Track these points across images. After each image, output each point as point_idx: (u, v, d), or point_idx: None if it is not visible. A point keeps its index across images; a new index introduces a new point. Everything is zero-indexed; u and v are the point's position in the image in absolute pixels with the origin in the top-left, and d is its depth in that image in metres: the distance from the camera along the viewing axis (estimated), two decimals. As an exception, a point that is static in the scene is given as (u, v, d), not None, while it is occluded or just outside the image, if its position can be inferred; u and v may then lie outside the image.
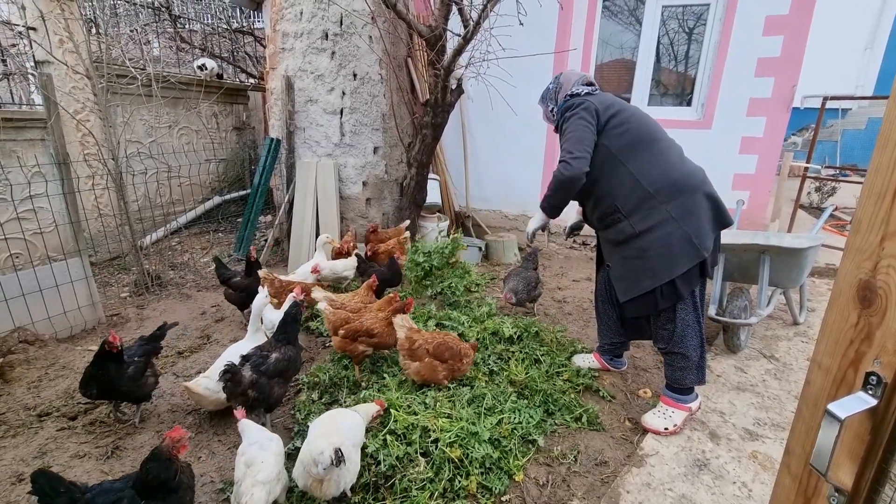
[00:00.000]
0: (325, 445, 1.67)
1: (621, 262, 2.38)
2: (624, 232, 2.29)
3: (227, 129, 6.15)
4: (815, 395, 0.80)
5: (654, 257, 2.22)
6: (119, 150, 3.69)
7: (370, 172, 4.78)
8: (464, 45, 3.64)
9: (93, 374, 2.24)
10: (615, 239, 2.36)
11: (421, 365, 2.48)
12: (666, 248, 2.20)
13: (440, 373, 2.48)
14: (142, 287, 3.90)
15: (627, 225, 2.27)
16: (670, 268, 2.19)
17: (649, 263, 2.24)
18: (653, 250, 2.22)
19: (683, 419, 2.39)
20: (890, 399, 0.67)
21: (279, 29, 4.67)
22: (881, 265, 0.68)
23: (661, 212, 2.20)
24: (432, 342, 2.49)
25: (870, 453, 0.72)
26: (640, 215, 2.23)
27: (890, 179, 0.66)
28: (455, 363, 2.51)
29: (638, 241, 2.26)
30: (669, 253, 2.19)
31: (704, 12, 4.82)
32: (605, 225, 2.40)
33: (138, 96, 4.34)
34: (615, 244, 2.39)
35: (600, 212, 2.37)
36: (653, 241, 2.22)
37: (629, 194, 2.25)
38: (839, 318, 0.75)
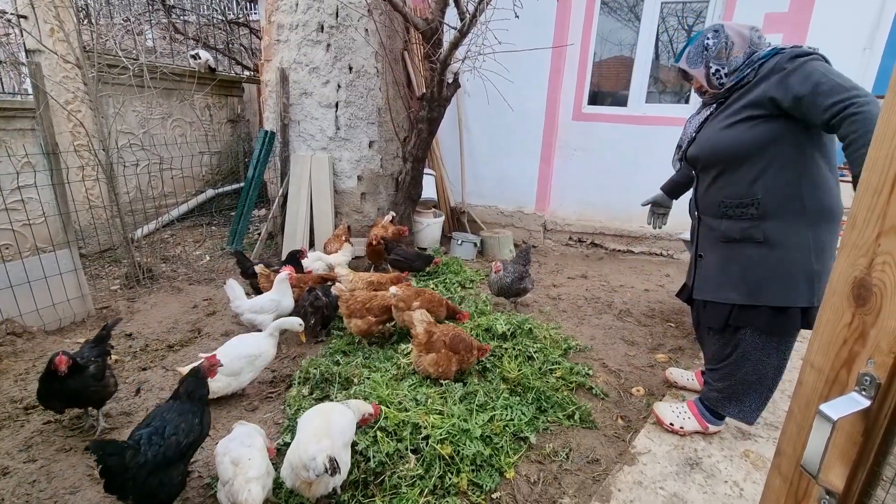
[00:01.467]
0: (316, 451, 1.64)
1: (720, 262, 2.08)
2: (745, 232, 1.96)
3: (221, 121, 6.09)
4: (807, 396, 0.78)
5: (762, 275, 1.93)
6: (110, 141, 3.64)
7: (365, 167, 4.74)
8: (460, 38, 3.60)
9: (52, 389, 2.10)
10: (727, 234, 2.02)
11: (437, 356, 2.51)
12: (783, 274, 1.89)
13: (453, 365, 2.53)
14: (133, 280, 3.86)
15: (755, 227, 1.92)
16: (771, 294, 1.92)
17: (751, 276, 1.95)
18: (765, 267, 1.92)
19: (693, 430, 2.33)
20: (883, 400, 0.65)
21: (274, 20, 4.61)
22: (877, 262, 0.66)
23: (800, 234, 1.86)
24: (448, 333, 2.57)
25: (862, 455, 0.70)
26: (775, 224, 1.87)
27: (886, 174, 0.64)
28: (466, 355, 2.56)
29: (754, 250, 1.95)
30: (783, 280, 1.90)
31: (704, 9, 4.79)
32: (724, 213, 2.01)
33: (130, 87, 4.28)
34: (723, 240, 2.04)
35: (730, 197, 1.97)
36: (773, 258, 1.91)
37: (779, 194, 1.86)
38: (833, 318, 0.73)
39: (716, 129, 2.00)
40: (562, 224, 5.54)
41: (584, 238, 5.51)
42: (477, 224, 5.58)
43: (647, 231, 5.29)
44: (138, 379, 2.68)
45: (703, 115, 2.11)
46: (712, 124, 2.03)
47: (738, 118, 1.91)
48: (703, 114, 2.13)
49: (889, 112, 0.64)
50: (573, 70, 5.15)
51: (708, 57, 1.98)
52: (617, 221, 5.42)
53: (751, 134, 1.88)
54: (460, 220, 5.63)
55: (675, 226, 5.13)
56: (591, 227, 5.45)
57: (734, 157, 1.93)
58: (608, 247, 5.43)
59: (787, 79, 1.74)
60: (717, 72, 1.97)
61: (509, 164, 5.44)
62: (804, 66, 1.71)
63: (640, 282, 4.50)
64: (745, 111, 1.89)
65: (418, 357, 2.57)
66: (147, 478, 1.60)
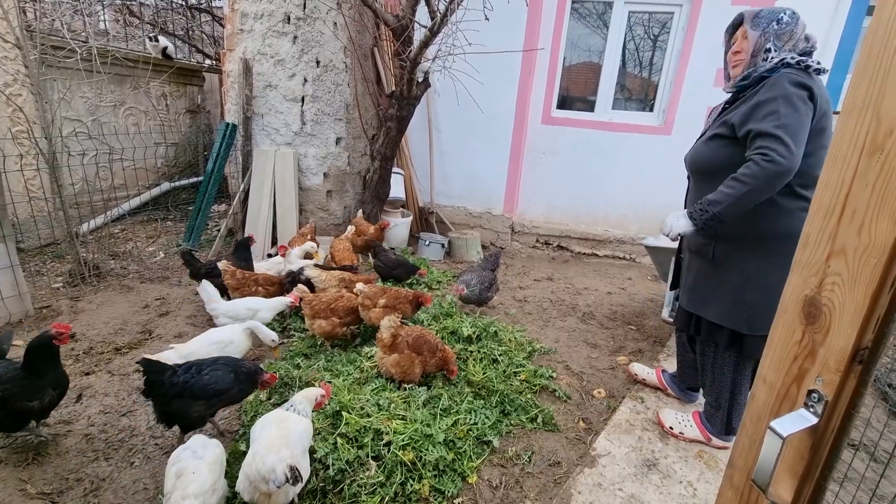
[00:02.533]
0: (275, 461, 1.57)
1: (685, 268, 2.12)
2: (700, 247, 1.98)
3: (179, 111, 5.80)
4: (759, 410, 0.79)
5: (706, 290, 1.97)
6: (54, 129, 3.39)
7: (332, 164, 4.63)
8: (431, 37, 3.57)
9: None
10: (689, 243, 2.05)
11: (400, 357, 2.47)
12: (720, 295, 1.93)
13: (416, 367, 2.48)
14: (77, 277, 3.61)
15: (708, 244, 1.94)
16: (709, 310, 1.98)
17: (698, 289, 2.00)
18: (708, 284, 1.96)
19: (694, 438, 2.35)
20: (830, 417, 0.67)
21: (238, 8, 4.42)
22: (826, 282, 0.67)
23: (746, 260, 1.87)
24: (412, 334, 2.53)
25: (809, 470, 0.71)
26: (726, 246, 1.87)
27: (838, 196, 0.65)
28: (429, 357, 2.51)
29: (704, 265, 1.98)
30: (719, 300, 1.93)
31: (669, 20, 4.94)
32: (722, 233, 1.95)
33: (78, 71, 4.00)
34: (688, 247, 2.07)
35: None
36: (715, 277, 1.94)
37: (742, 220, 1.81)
38: (784, 334, 0.74)
39: (702, 140, 2.01)
40: (529, 226, 5.60)
41: (551, 240, 5.59)
42: (445, 224, 5.56)
43: (611, 235, 5.42)
44: (80, 385, 2.51)
45: (715, 114, 2.07)
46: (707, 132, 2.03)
47: (713, 133, 1.91)
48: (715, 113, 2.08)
49: (841, 135, 0.65)
50: (543, 74, 5.21)
51: (772, 31, 1.77)
52: (583, 225, 5.53)
53: (719, 153, 1.88)
54: (428, 220, 5.60)
55: (638, 230, 5.29)
56: (557, 229, 5.53)
57: (706, 172, 1.94)
58: (574, 249, 5.53)
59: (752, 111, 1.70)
60: (768, 50, 1.77)
61: (478, 166, 5.45)
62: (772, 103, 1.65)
63: (604, 284, 4.60)
64: (720, 128, 1.87)
65: (381, 358, 2.53)
66: (172, 399, 1.94)
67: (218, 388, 2.01)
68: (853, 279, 0.63)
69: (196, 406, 1.99)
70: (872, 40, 0.60)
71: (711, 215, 1.77)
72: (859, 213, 0.62)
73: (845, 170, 0.64)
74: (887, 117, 0.59)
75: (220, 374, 2.04)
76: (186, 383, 1.97)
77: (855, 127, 0.62)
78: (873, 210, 0.60)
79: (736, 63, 1.90)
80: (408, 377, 2.50)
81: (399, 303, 3.00)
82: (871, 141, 0.61)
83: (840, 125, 0.65)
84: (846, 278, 0.64)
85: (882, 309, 0.60)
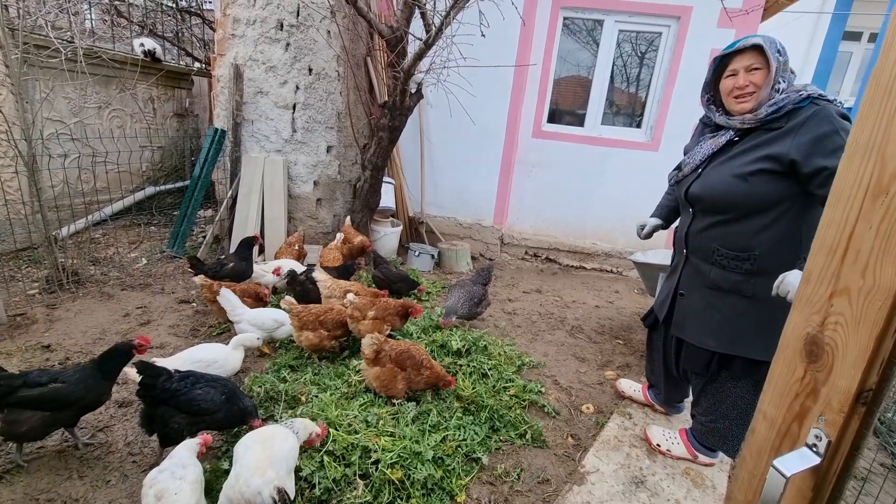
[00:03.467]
0: (260, 484, 1.52)
1: (701, 306, 2.00)
2: (736, 285, 1.87)
3: (166, 114, 5.70)
4: (759, 445, 0.79)
5: (743, 327, 1.87)
6: (34, 130, 3.29)
7: (322, 172, 4.59)
8: (425, 49, 3.57)
9: None
10: (715, 282, 1.93)
11: (381, 370, 2.43)
12: (764, 330, 1.82)
13: (399, 382, 2.44)
14: (54, 283, 3.49)
15: (746, 282, 1.84)
16: (749, 347, 1.87)
17: (731, 327, 1.89)
18: (748, 321, 1.86)
19: (681, 455, 2.34)
20: (832, 458, 0.67)
21: (230, 13, 4.38)
22: (829, 321, 0.67)
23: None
24: (396, 348, 2.49)
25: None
26: (768, 281, 1.68)
27: (841, 235, 0.66)
28: (413, 373, 2.46)
29: (740, 302, 1.88)
30: (765, 336, 1.82)
31: (656, 39, 5.05)
32: (716, 262, 1.91)
33: (62, 71, 3.91)
34: (710, 286, 1.95)
35: (727, 247, 1.87)
36: (757, 313, 1.84)
37: (779, 252, 1.76)
38: (785, 370, 0.74)
39: (728, 175, 1.82)
40: (518, 238, 5.62)
41: (540, 253, 5.62)
42: (435, 235, 5.54)
43: (599, 248, 5.47)
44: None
45: (717, 142, 1.92)
46: (726, 166, 1.85)
47: (755, 168, 1.74)
48: (717, 139, 1.92)
49: (844, 175, 0.66)
50: (534, 89, 5.26)
51: (782, 63, 1.74)
52: (571, 238, 5.57)
53: (766, 189, 1.74)
54: (418, 230, 5.58)
55: (626, 244, 5.35)
56: (546, 242, 5.56)
57: (743, 210, 1.80)
58: (562, 262, 5.56)
59: (816, 146, 1.61)
60: (778, 83, 1.74)
61: (469, 177, 5.46)
62: (835, 136, 1.58)
63: (592, 297, 4.62)
64: (764, 162, 1.73)
65: (364, 369, 2.51)
66: (158, 403, 1.93)
67: (203, 407, 1.96)
68: (857, 320, 0.63)
69: (177, 418, 1.95)
70: (876, 85, 0.61)
71: None
72: (863, 254, 0.62)
73: (849, 210, 0.64)
74: (892, 161, 0.59)
75: (212, 392, 1.99)
76: (177, 391, 1.95)
77: (859, 169, 0.63)
78: (878, 253, 0.60)
79: (749, 93, 1.79)
80: (390, 392, 2.46)
81: (388, 314, 2.97)
82: (875, 184, 0.61)
83: (844, 165, 0.66)
84: (849, 318, 0.64)
85: (886, 352, 0.60)
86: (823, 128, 1.61)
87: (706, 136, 2.00)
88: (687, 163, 2.03)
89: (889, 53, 0.60)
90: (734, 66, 1.83)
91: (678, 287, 2.13)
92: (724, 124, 1.91)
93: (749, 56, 1.79)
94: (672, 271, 2.25)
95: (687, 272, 2.09)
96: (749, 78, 1.78)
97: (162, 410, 1.94)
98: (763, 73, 1.76)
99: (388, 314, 2.98)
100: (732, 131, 1.88)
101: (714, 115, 1.96)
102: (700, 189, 1.94)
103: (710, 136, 1.97)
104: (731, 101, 1.86)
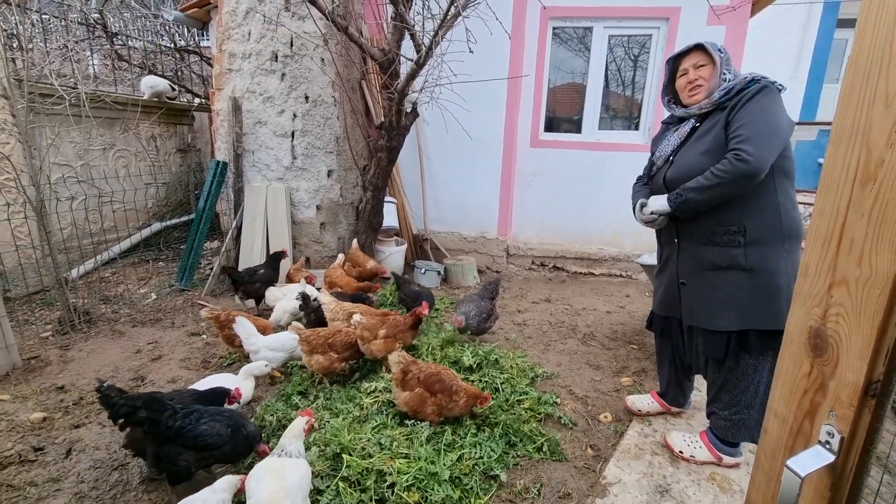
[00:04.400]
0: None
1: (705, 290, 2.07)
2: (731, 259, 1.98)
3: (169, 151, 5.83)
4: (773, 445, 0.76)
5: (748, 300, 1.96)
6: (42, 176, 3.38)
7: (324, 196, 4.64)
8: (417, 70, 3.63)
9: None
10: (714, 261, 2.02)
11: (410, 395, 2.39)
12: (767, 299, 1.93)
13: (428, 406, 2.38)
14: (66, 325, 3.53)
15: (741, 254, 1.95)
16: (759, 319, 1.94)
17: (738, 303, 1.97)
18: (750, 293, 1.95)
19: (705, 460, 2.29)
20: (847, 454, 0.64)
21: (226, 49, 4.50)
22: (830, 313, 0.65)
23: (782, 259, 1.93)
24: (425, 371, 2.44)
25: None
26: (759, 250, 1.91)
27: (834, 225, 0.65)
28: (444, 398, 2.39)
29: (739, 276, 1.97)
30: (768, 304, 1.93)
31: (647, 41, 5.08)
32: (711, 241, 2.03)
33: (67, 117, 4.02)
34: (709, 267, 2.05)
35: (719, 224, 2.00)
36: (757, 283, 1.94)
37: (763, 220, 1.93)
38: (792, 366, 0.72)
39: (696, 154, 2.01)
40: (524, 248, 5.60)
41: (547, 262, 5.59)
42: (440, 251, 5.54)
43: (606, 253, 5.43)
44: (69, 439, 2.42)
45: (682, 132, 2.12)
46: (692, 148, 2.04)
47: (715, 144, 1.95)
48: (681, 130, 2.13)
49: (831, 164, 0.65)
50: (529, 99, 5.31)
51: (724, 59, 2.03)
52: (577, 244, 5.54)
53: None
54: (423, 247, 5.59)
55: (633, 247, 5.30)
56: (552, 250, 5.53)
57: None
58: (570, 269, 5.52)
59: (738, 110, 1.89)
60: (724, 74, 2.02)
61: (470, 191, 5.49)
62: (754, 102, 1.86)
63: (602, 303, 4.57)
64: (720, 133, 1.95)
65: (395, 390, 2.47)
66: (165, 441, 1.90)
67: (210, 442, 1.93)
68: (857, 310, 0.61)
69: (185, 455, 1.92)
70: (854, 71, 0.61)
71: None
72: (857, 242, 0.61)
73: (839, 199, 0.63)
74: (876, 147, 0.59)
75: (217, 426, 1.97)
76: (182, 429, 1.91)
77: (845, 157, 0.62)
78: (871, 241, 0.59)
79: (699, 86, 2.06)
80: (420, 416, 2.42)
81: (399, 331, 2.95)
82: (863, 170, 0.60)
83: (830, 154, 0.65)
84: (850, 309, 0.62)
85: (890, 341, 0.58)
86: (752, 89, 1.89)
87: (671, 130, 2.22)
88: (659, 156, 2.21)
89: (863, 39, 0.60)
90: (684, 66, 2.10)
91: (678, 277, 2.20)
92: (685, 115, 2.13)
93: (695, 55, 2.07)
94: (663, 266, 2.32)
95: (683, 260, 2.17)
96: (698, 73, 2.05)
97: (168, 449, 1.92)
98: (709, 68, 2.04)
99: (399, 331, 2.96)
100: (694, 119, 2.10)
101: (675, 111, 2.19)
102: (675, 173, 2.09)
103: (675, 129, 2.19)
104: (685, 95, 2.11)
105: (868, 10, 0.59)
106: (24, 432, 2.44)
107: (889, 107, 0.57)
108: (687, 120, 2.13)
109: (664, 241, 2.30)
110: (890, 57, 0.57)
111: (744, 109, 1.87)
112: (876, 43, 0.58)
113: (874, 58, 0.58)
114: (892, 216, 0.57)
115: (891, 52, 0.57)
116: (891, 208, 0.57)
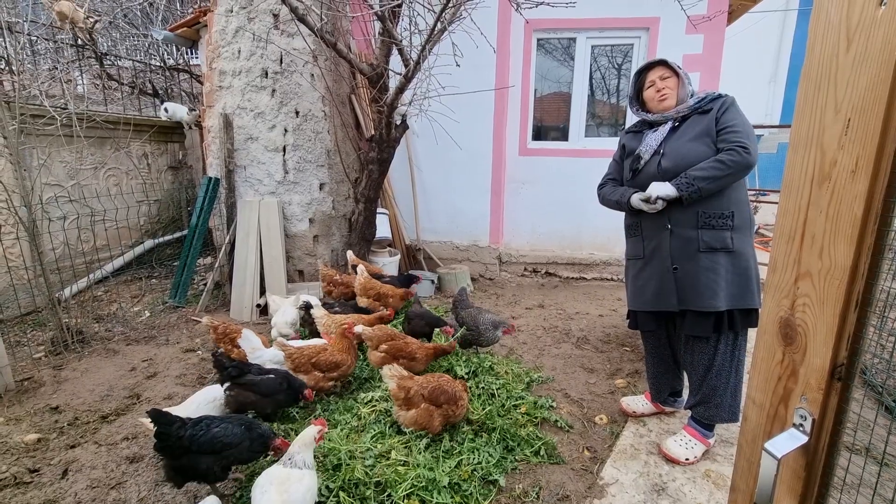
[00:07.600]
0: None
1: (699, 272, 2.19)
2: (722, 241, 2.16)
3: (161, 168, 5.84)
4: (752, 431, 0.81)
5: (735, 281, 2.16)
6: (33, 196, 3.38)
7: (317, 209, 4.67)
8: (405, 83, 3.70)
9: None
10: (709, 244, 2.17)
11: (417, 412, 2.34)
12: (746, 280, 2.16)
13: (436, 419, 2.36)
14: (59, 345, 3.51)
15: (730, 237, 2.15)
16: (744, 298, 2.16)
17: (728, 283, 2.16)
18: (735, 274, 2.16)
19: (703, 453, 2.37)
20: (819, 435, 0.69)
21: (216, 67, 4.55)
22: (797, 304, 0.70)
23: (749, 244, 2.21)
24: (427, 386, 2.38)
25: (807, 488, 0.73)
26: (739, 235, 2.17)
27: (797, 222, 0.70)
28: (449, 408, 2.38)
29: (727, 258, 2.16)
30: (747, 285, 2.16)
31: (630, 50, 5.22)
32: (705, 224, 2.18)
33: (58, 137, 4.04)
34: (703, 249, 2.18)
35: (712, 208, 2.17)
36: (739, 265, 2.16)
37: (741, 207, 2.20)
38: (766, 355, 0.77)
39: (687, 141, 2.22)
40: (516, 256, 5.66)
41: (539, 268, 5.65)
42: (433, 261, 5.58)
43: (597, 258, 5.50)
44: (65, 459, 2.40)
45: (661, 132, 2.32)
46: (680, 139, 2.25)
47: (703, 136, 2.19)
48: (660, 130, 2.33)
49: (791, 166, 0.70)
50: (516, 109, 5.41)
51: (681, 71, 2.33)
52: (568, 250, 5.61)
53: (713, 150, 2.16)
54: (416, 257, 5.63)
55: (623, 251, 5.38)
56: (544, 256, 5.60)
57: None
58: (562, 275, 5.58)
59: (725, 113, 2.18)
60: (689, 85, 2.33)
61: (461, 200, 5.55)
62: (735, 108, 2.20)
63: (595, 308, 4.63)
64: (708, 127, 2.19)
65: (398, 412, 2.41)
66: (182, 453, 1.94)
67: (227, 442, 1.97)
68: (821, 300, 0.66)
69: (204, 460, 1.96)
70: (807, 82, 0.66)
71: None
72: (818, 237, 0.66)
73: (800, 198, 0.69)
74: (830, 149, 0.64)
75: (230, 427, 2.02)
76: (194, 437, 1.95)
77: (803, 159, 0.68)
78: (829, 235, 0.64)
79: (667, 95, 2.32)
80: (427, 429, 2.40)
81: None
82: (819, 171, 0.66)
83: (790, 157, 0.71)
84: (815, 299, 0.67)
85: (851, 326, 0.63)
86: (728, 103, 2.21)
87: (645, 133, 2.40)
88: (644, 150, 2.34)
89: (813, 53, 0.65)
90: (651, 78, 2.35)
91: (672, 262, 2.28)
92: (661, 119, 2.34)
93: (659, 69, 2.34)
94: (650, 257, 2.36)
95: (675, 246, 2.26)
96: (665, 83, 2.32)
97: (186, 459, 1.94)
98: (673, 80, 2.32)
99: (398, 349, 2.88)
100: (672, 121, 2.31)
101: (649, 116, 2.39)
102: (670, 161, 2.24)
103: (653, 130, 2.36)
104: (655, 103, 2.35)
105: (816, 25, 0.65)
106: (18, 454, 2.42)
107: (838, 112, 0.63)
108: (664, 123, 2.34)
109: (652, 230, 2.33)
110: (837, 67, 0.63)
111: (729, 113, 2.15)
112: (824, 56, 0.64)
113: (823, 69, 0.64)
114: (846, 212, 0.63)
115: (837, 63, 0.63)
116: (845, 205, 0.63)
